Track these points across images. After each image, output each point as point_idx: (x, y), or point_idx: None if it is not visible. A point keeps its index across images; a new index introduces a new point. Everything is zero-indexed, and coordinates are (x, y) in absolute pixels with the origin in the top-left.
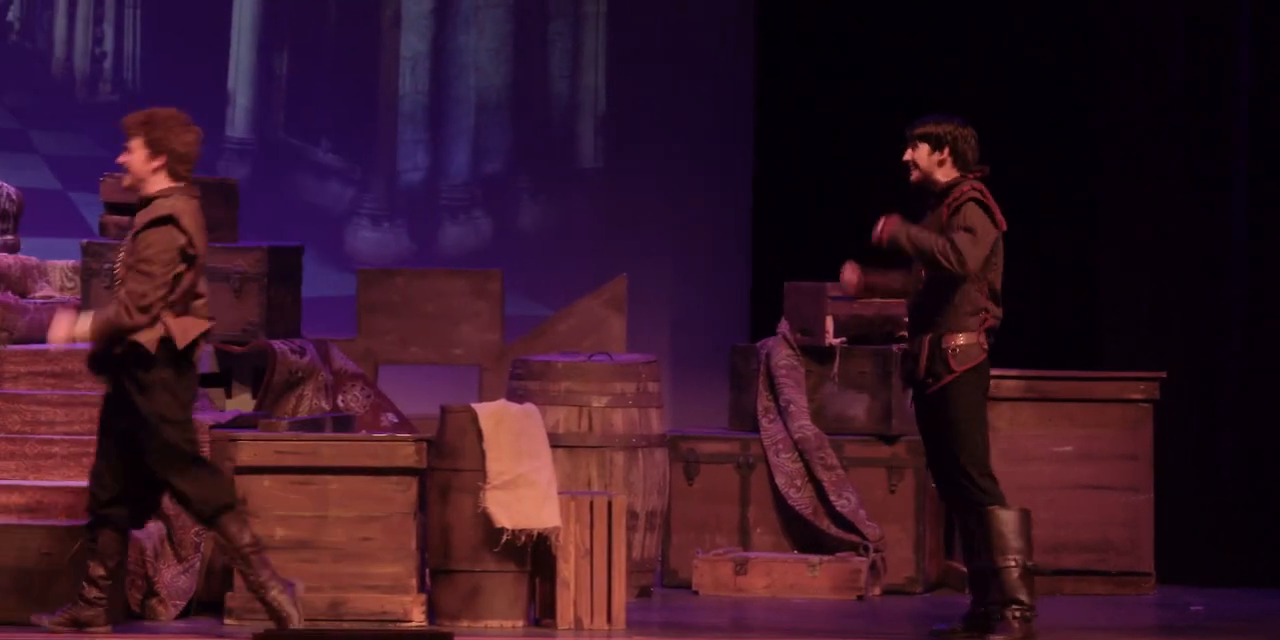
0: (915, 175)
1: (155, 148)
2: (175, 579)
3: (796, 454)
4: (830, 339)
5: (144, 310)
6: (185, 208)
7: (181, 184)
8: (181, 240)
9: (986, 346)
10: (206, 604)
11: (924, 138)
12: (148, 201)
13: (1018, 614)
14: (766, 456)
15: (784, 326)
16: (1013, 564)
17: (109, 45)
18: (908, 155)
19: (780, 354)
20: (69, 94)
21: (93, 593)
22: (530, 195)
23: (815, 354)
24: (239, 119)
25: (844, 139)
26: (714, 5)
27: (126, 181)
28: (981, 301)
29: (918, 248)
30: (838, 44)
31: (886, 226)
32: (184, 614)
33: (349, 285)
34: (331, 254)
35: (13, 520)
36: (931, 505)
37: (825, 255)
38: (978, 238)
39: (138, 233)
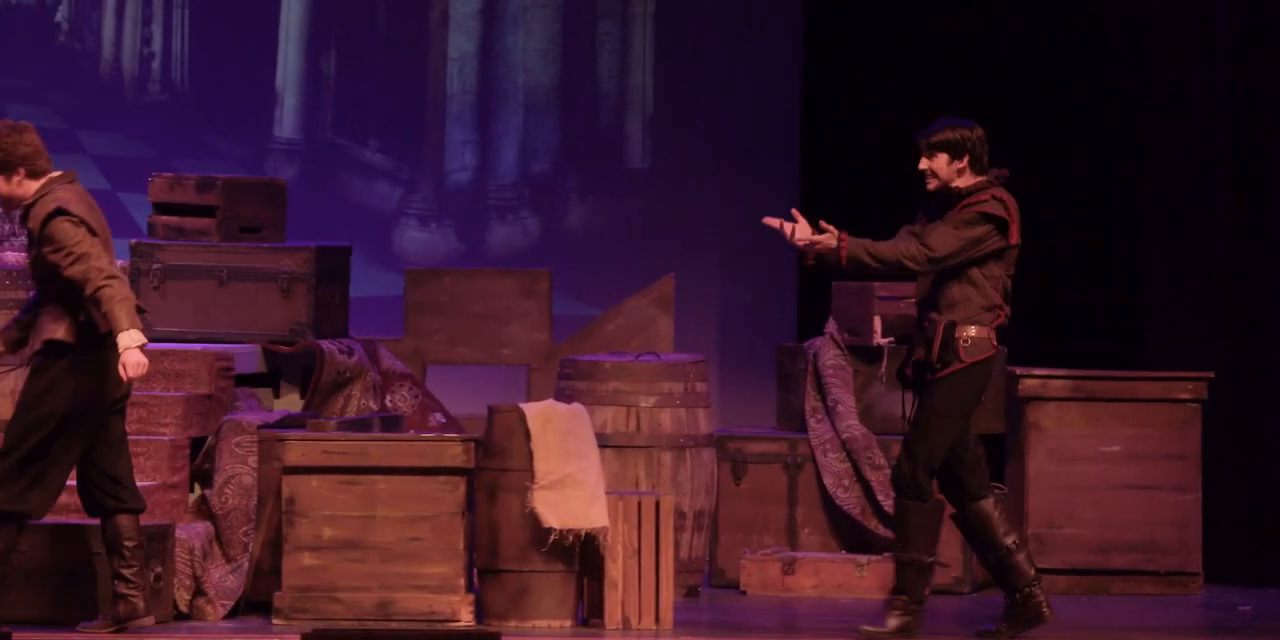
0: (934, 184)
1: (6, 166)
2: (223, 579)
3: (844, 454)
4: (878, 338)
5: (112, 276)
6: (66, 195)
7: (52, 175)
8: (81, 228)
9: (995, 343)
10: (254, 604)
11: (942, 146)
12: (31, 206)
13: (901, 606)
14: (814, 456)
15: (831, 326)
16: (913, 559)
17: (157, 45)
18: (924, 164)
19: (828, 354)
20: (117, 94)
21: (122, 587)
22: (578, 195)
23: (863, 354)
24: (287, 119)
25: (891, 137)
26: (761, 5)
27: (4, 208)
28: (996, 298)
29: (882, 261)
30: (884, 42)
31: (842, 249)
32: (232, 614)
33: (397, 285)
34: (379, 254)
35: (62, 520)
36: None
37: None
38: (959, 238)
39: (41, 235)
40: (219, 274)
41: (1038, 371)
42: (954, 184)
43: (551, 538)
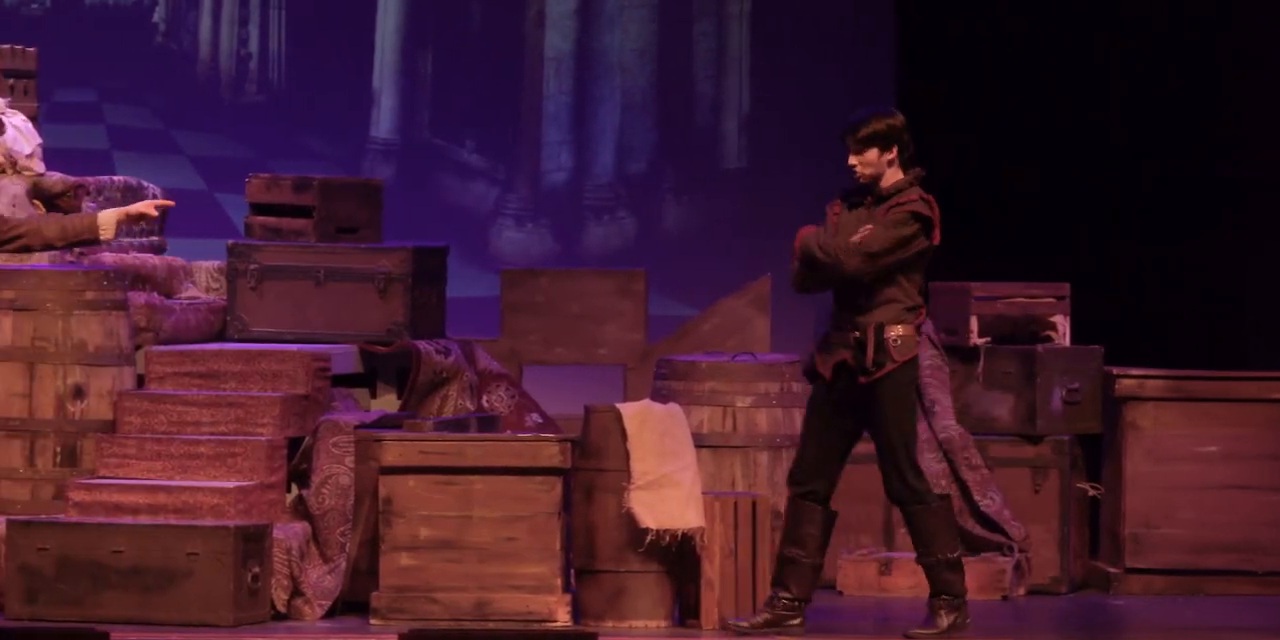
0: (866, 177)
1: None
2: (321, 579)
3: (941, 454)
4: (975, 339)
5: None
6: None
7: None
8: None
9: (918, 340)
10: (351, 604)
11: (871, 140)
12: None
13: (944, 605)
14: None
15: (928, 326)
16: (938, 559)
17: (254, 46)
18: (853, 160)
19: (925, 354)
20: (214, 95)
21: None
22: (674, 195)
23: (960, 354)
24: (383, 119)
25: (986, 136)
26: (856, 5)
27: None
28: (918, 297)
29: (825, 252)
30: (980, 42)
31: (799, 235)
32: (329, 614)
33: (493, 286)
34: (476, 254)
35: (159, 520)
36: (1076, 505)
37: (969, 255)
38: (892, 237)
39: None
40: (316, 274)
41: (1135, 371)
42: (883, 183)
43: (648, 538)
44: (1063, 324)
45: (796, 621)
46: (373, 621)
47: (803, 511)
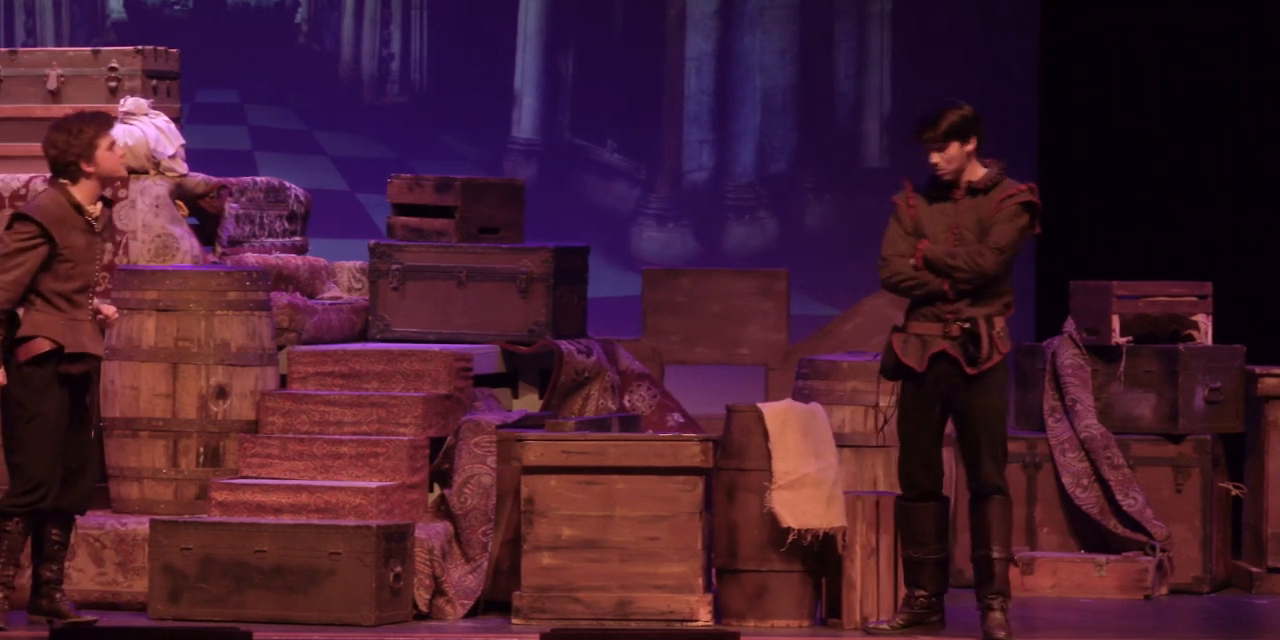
0: (950, 173)
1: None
2: (463, 578)
3: (1083, 453)
4: (1116, 338)
5: None
6: None
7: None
8: None
9: None
10: (494, 603)
11: (952, 133)
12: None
13: (1005, 604)
14: (1053, 456)
15: (1070, 325)
16: (1006, 555)
17: (396, 47)
18: (935, 158)
19: (1066, 353)
20: (356, 96)
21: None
22: (815, 195)
23: (1101, 353)
24: (525, 120)
25: (1129, 134)
26: (999, 3)
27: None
28: (1010, 292)
29: (953, 256)
30: (1124, 41)
31: (919, 247)
32: (471, 613)
33: (634, 285)
34: (617, 254)
35: (302, 520)
36: (1218, 505)
37: (1111, 253)
38: (1014, 230)
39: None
40: (458, 274)
41: (1277, 370)
42: (969, 177)
43: (790, 537)
44: (1205, 323)
45: (936, 617)
46: (514, 621)
47: (914, 512)
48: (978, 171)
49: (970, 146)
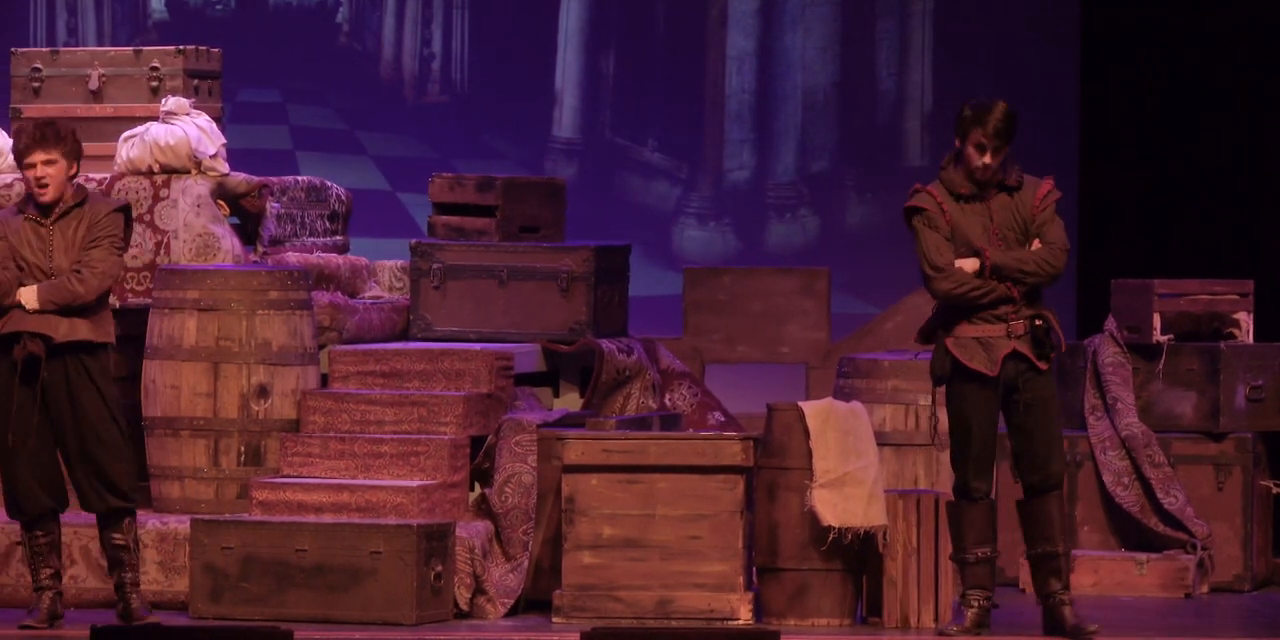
0: (993, 174)
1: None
2: (503, 577)
3: (1124, 452)
4: (1157, 336)
5: None
6: None
7: None
8: None
9: None
10: (534, 602)
11: (1011, 137)
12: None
13: (1071, 599)
14: (1094, 454)
15: (1111, 324)
16: (1066, 549)
17: (437, 46)
18: (990, 160)
19: (1107, 351)
20: (397, 95)
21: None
22: (857, 193)
23: (1142, 351)
24: (566, 119)
25: (1170, 134)
26: (1040, 3)
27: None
28: None
29: (1021, 260)
30: (1165, 37)
31: (985, 257)
32: (512, 612)
33: (675, 284)
34: (658, 253)
35: (343, 519)
36: (1259, 503)
37: (1152, 252)
38: (1062, 227)
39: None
40: (499, 274)
41: None
42: (1000, 176)
43: (830, 536)
44: (1246, 321)
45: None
46: (555, 620)
47: (977, 512)
48: (1005, 170)
49: (1008, 149)
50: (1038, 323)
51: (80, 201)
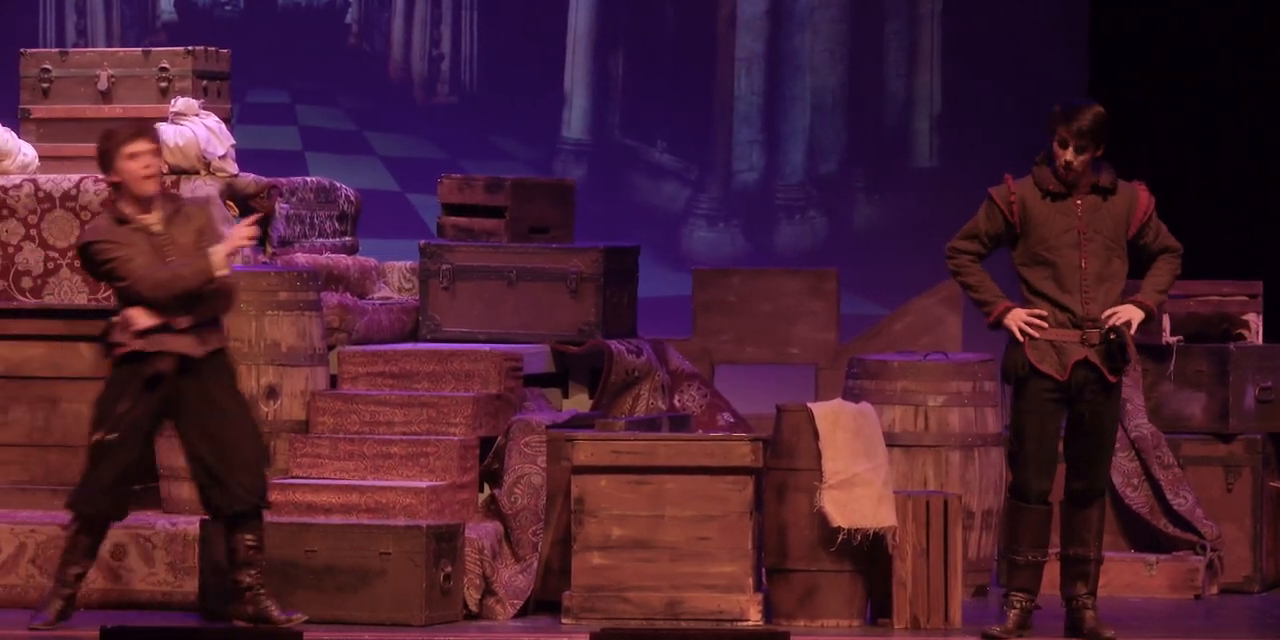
0: (1081, 174)
1: None
2: (513, 578)
3: (1133, 453)
4: (1167, 337)
5: None
6: None
7: None
8: None
9: None
10: (543, 603)
11: (1093, 136)
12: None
13: (1095, 604)
14: None
15: None
16: (1104, 556)
17: (446, 47)
18: (1076, 158)
19: None
20: (407, 96)
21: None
22: (865, 194)
23: (1152, 352)
24: (575, 120)
25: (1179, 136)
26: (1049, 4)
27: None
28: None
29: (1167, 294)
30: (1173, 39)
31: (1149, 309)
32: (521, 613)
33: (685, 285)
34: (667, 254)
35: (352, 520)
36: (1269, 504)
37: None
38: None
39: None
40: (508, 274)
41: None
42: (1092, 177)
43: (840, 537)
44: (1255, 322)
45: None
46: (564, 621)
47: (1035, 515)
48: (1096, 168)
49: (1100, 150)
50: (1112, 337)
51: (179, 207)
